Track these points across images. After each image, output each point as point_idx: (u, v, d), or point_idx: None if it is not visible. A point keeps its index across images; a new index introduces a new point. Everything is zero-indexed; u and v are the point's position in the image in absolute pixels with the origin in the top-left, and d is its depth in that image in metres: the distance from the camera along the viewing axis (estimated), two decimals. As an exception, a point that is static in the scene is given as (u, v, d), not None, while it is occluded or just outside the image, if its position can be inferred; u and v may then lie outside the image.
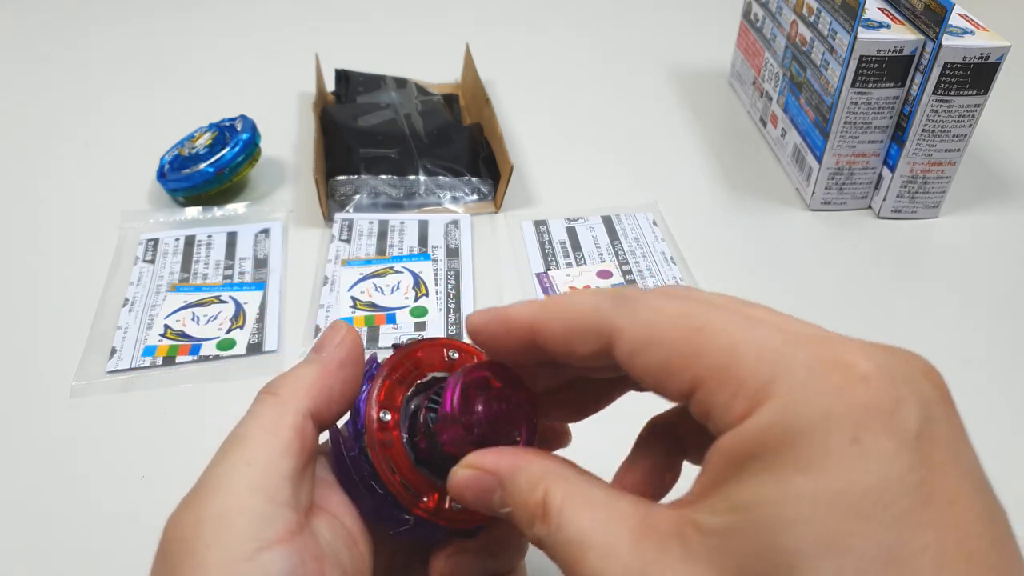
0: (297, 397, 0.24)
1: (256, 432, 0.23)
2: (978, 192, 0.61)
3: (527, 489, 0.21)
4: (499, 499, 0.22)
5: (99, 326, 0.47)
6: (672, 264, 0.53)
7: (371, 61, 0.72)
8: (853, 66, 0.51)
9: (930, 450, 0.17)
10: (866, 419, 0.17)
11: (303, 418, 0.23)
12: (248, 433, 0.23)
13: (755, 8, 0.67)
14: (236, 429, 0.23)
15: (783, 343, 0.18)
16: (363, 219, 0.55)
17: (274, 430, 0.23)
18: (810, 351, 0.18)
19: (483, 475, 0.22)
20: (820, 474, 0.16)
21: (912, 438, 0.17)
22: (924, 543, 0.16)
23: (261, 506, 0.21)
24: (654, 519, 0.19)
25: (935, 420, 0.17)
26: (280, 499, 0.22)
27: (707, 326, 0.19)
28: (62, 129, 0.67)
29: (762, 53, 0.66)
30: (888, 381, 0.17)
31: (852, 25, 0.50)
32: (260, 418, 0.23)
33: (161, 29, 0.83)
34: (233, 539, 0.21)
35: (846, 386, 0.17)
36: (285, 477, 0.22)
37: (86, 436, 0.41)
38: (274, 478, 0.22)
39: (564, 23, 0.87)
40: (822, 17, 0.54)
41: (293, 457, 0.23)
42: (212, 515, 0.21)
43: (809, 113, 0.57)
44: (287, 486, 0.22)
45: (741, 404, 0.18)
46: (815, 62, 0.56)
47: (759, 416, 0.17)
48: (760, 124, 0.67)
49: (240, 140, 0.56)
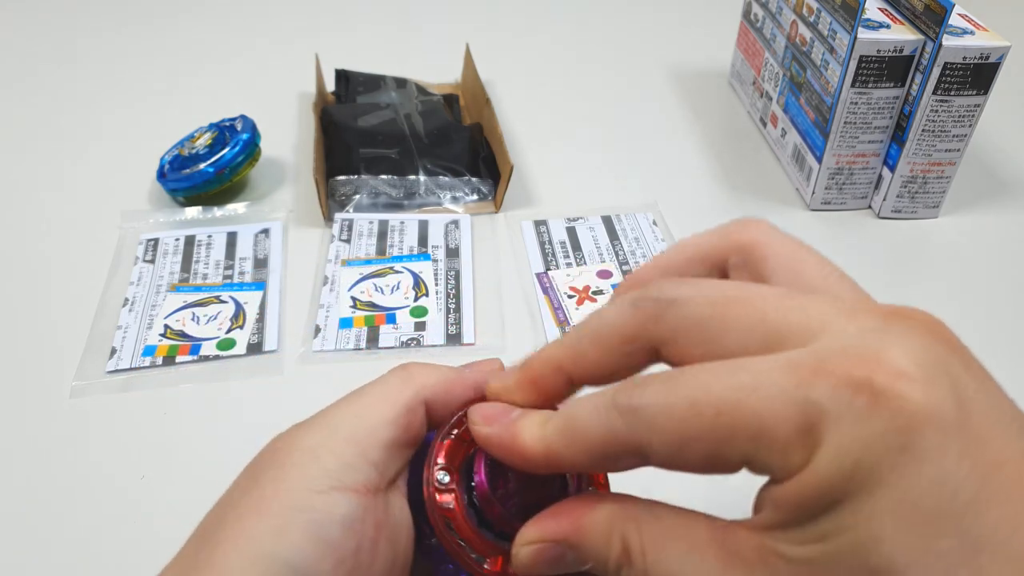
0: (424, 383, 0.25)
1: (375, 394, 0.24)
2: (978, 192, 0.61)
3: (603, 543, 0.21)
4: (574, 560, 0.22)
5: (99, 326, 0.47)
6: (672, 264, 0.53)
7: (371, 61, 0.72)
8: (853, 66, 0.51)
9: (970, 424, 0.17)
10: (906, 424, 0.17)
11: (418, 403, 0.24)
12: (369, 392, 0.25)
13: (755, 8, 0.67)
14: (362, 387, 0.25)
15: (797, 386, 0.18)
16: (363, 219, 0.55)
17: (391, 400, 0.24)
18: (825, 384, 0.18)
19: (548, 547, 0.22)
20: (888, 491, 0.17)
21: (952, 421, 0.17)
22: (995, 520, 0.17)
23: (351, 455, 0.23)
24: (733, 544, 0.19)
25: (963, 389, 0.18)
26: (370, 458, 0.23)
27: (721, 408, 0.19)
28: (62, 129, 0.67)
29: (762, 53, 0.66)
30: (910, 379, 0.17)
31: (852, 25, 0.50)
32: (384, 385, 0.25)
33: (161, 29, 0.83)
34: (315, 472, 0.22)
35: (876, 404, 0.17)
36: (382, 442, 0.23)
37: (86, 436, 0.41)
38: (373, 438, 0.23)
39: (564, 23, 0.87)
40: (822, 17, 0.54)
41: (397, 430, 0.24)
42: (307, 446, 0.23)
43: (809, 113, 0.57)
44: (381, 450, 0.23)
45: (795, 459, 0.18)
46: (815, 62, 0.56)
47: (817, 465, 0.18)
48: (760, 124, 0.67)
49: (240, 140, 0.56)
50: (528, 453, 0.21)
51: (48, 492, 0.39)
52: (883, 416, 0.17)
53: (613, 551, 0.20)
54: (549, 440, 0.21)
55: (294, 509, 0.21)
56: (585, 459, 0.21)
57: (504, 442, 0.22)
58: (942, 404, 0.17)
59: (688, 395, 0.19)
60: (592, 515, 0.21)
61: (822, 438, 0.18)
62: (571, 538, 0.21)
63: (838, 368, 0.18)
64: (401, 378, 0.25)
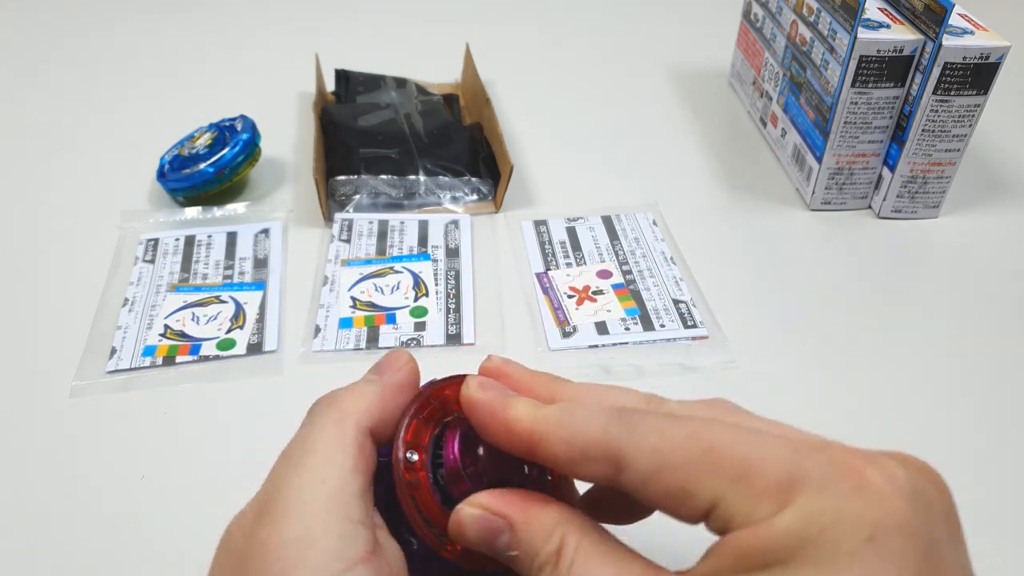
0: (359, 414, 0.23)
1: (321, 447, 0.22)
2: (978, 192, 0.61)
3: (541, 536, 0.21)
4: (506, 542, 0.22)
5: (99, 326, 0.47)
6: (672, 264, 0.53)
7: (371, 61, 0.72)
8: (853, 66, 0.51)
9: (938, 560, 0.18)
10: (881, 520, 0.17)
11: (364, 436, 0.23)
12: (314, 448, 0.22)
13: (755, 8, 0.67)
14: (298, 441, 0.23)
15: (794, 452, 0.19)
16: (363, 219, 0.55)
17: (340, 446, 0.22)
18: (820, 458, 0.19)
19: (492, 517, 0.22)
20: (835, 570, 0.17)
21: (923, 544, 0.18)
22: None
23: (340, 526, 0.21)
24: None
25: (938, 527, 0.18)
26: (356, 518, 0.21)
27: (717, 444, 0.19)
28: (62, 129, 0.67)
29: (762, 53, 0.66)
30: (899, 487, 0.18)
31: (852, 25, 0.50)
32: (324, 432, 0.23)
33: (161, 29, 0.83)
34: (320, 560, 0.20)
35: (861, 490, 0.18)
36: (356, 495, 0.22)
37: (86, 436, 0.41)
38: (348, 496, 0.22)
39: (564, 23, 0.87)
40: (822, 17, 0.54)
41: (361, 475, 0.22)
42: (296, 538, 0.21)
43: (809, 113, 0.57)
44: (360, 504, 0.22)
45: (763, 509, 0.18)
46: (815, 62, 0.56)
47: (782, 519, 0.18)
48: (760, 124, 0.67)
49: (240, 140, 0.56)
50: (514, 427, 0.22)
51: (48, 492, 0.39)
52: (864, 502, 0.18)
53: (547, 548, 0.21)
54: (539, 422, 0.21)
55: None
56: (564, 451, 0.21)
57: (494, 410, 0.22)
58: (919, 523, 0.18)
59: (690, 428, 0.20)
60: (545, 509, 0.22)
61: (797, 498, 0.18)
62: (516, 519, 0.22)
63: (836, 454, 0.19)
64: (335, 419, 0.23)
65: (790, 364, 0.46)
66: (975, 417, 0.43)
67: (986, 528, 0.38)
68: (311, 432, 0.23)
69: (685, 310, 0.49)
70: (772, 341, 0.48)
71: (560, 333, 0.47)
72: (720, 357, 0.46)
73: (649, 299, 0.50)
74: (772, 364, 0.46)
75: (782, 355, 0.47)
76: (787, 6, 0.60)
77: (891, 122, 0.54)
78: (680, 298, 0.50)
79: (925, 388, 0.45)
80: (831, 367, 0.46)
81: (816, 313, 0.50)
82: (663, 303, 0.49)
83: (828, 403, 0.44)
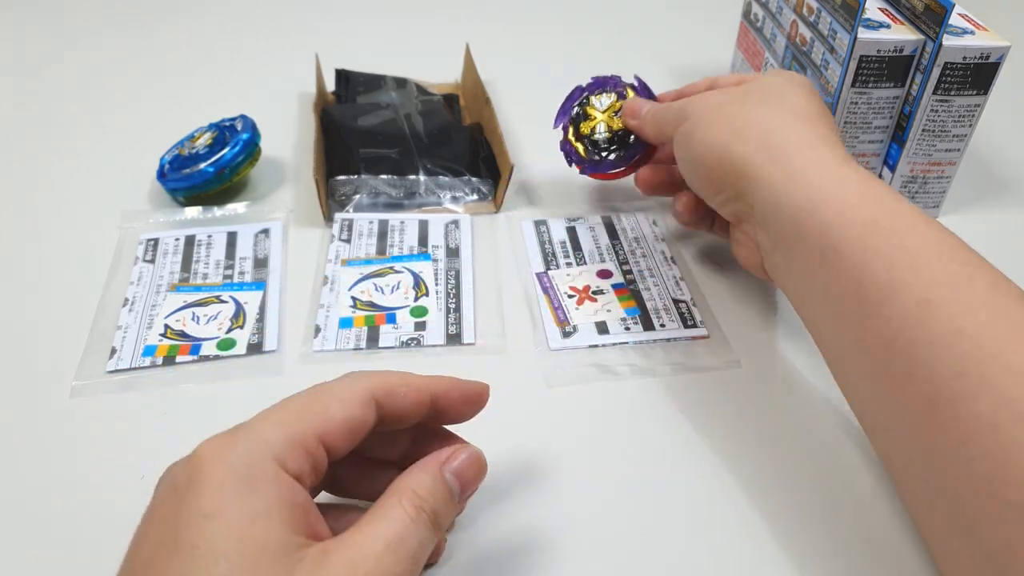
0: (371, 382, 0.30)
1: (337, 389, 0.30)
2: (978, 192, 0.61)
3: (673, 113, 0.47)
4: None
5: (99, 326, 0.47)
6: (672, 264, 0.53)
7: (371, 61, 0.72)
8: (853, 66, 0.51)
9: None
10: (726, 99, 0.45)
11: (370, 398, 0.30)
12: (327, 388, 0.30)
13: (755, 8, 0.67)
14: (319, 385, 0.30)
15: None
16: (363, 219, 0.55)
17: (359, 387, 0.30)
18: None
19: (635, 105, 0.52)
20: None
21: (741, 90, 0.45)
22: (748, 114, 0.42)
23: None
24: None
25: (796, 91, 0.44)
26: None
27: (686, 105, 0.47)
28: (62, 129, 0.67)
29: (762, 53, 0.66)
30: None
31: (852, 25, 0.50)
32: (340, 381, 0.30)
33: (161, 29, 0.83)
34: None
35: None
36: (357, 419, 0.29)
37: (86, 436, 0.41)
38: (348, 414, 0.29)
39: (564, 23, 0.87)
40: (822, 17, 0.54)
41: (366, 411, 0.30)
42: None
43: None
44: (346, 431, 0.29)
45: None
46: (815, 62, 0.56)
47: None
48: None
49: (240, 140, 0.56)
50: (636, 114, 0.52)
51: (48, 492, 0.39)
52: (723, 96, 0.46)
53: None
54: (647, 113, 0.50)
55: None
56: (652, 128, 0.50)
57: (633, 108, 0.52)
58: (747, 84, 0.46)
59: (683, 103, 0.47)
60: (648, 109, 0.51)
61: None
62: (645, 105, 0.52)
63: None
64: (352, 377, 0.30)
65: (790, 364, 0.46)
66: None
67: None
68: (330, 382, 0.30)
69: (685, 310, 0.49)
70: (772, 341, 0.48)
71: (560, 333, 0.47)
72: (720, 357, 0.46)
73: (649, 299, 0.50)
74: (772, 364, 0.46)
75: (782, 355, 0.47)
76: (787, 6, 0.60)
77: (891, 122, 0.54)
78: (680, 298, 0.50)
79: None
80: (831, 367, 0.46)
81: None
82: (663, 303, 0.49)
83: (829, 403, 0.44)
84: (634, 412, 0.43)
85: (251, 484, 0.25)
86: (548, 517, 0.37)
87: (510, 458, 0.40)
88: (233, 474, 0.25)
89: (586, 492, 0.39)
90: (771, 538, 0.37)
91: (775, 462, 0.40)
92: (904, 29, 0.51)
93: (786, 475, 0.40)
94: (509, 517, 0.37)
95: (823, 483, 0.39)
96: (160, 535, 0.26)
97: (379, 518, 0.26)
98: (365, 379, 0.29)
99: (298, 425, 0.27)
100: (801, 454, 0.41)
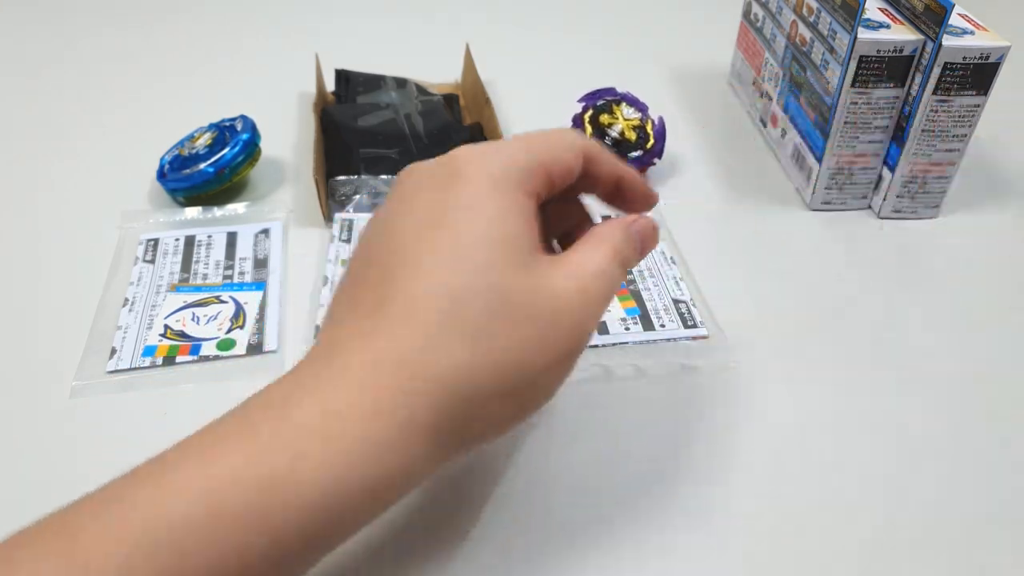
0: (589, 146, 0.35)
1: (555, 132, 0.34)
2: (978, 192, 0.61)
3: None
4: None
5: (99, 326, 0.47)
6: (672, 264, 0.53)
7: (371, 61, 0.72)
8: (853, 66, 0.51)
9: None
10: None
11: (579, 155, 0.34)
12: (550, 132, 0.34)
13: (755, 8, 0.67)
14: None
15: None
16: (363, 219, 0.55)
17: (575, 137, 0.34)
18: None
19: None
20: None
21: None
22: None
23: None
24: None
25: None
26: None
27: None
28: (62, 129, 0.67)
29: (762, 53, 0.66)
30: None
31: (852, 25, 0.50)
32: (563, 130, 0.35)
33: (161, 29, 0.83)
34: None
35: None
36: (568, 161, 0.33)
37: (86, 436, 0.41)
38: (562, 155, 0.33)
39: (563, 23, 0.87)
40: (822, 17, 0.54)
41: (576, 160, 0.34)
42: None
43: (809, 113, 0.57)
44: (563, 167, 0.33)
45: None
46: (815, 62, 0.56)
47: None
48: (760, 124, 0.67)
49: (240, 140, 0.56)
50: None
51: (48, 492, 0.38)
52: None
53: None
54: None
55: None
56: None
57: None
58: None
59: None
60: None
61: None
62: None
63: None
64: (571, 131, 0.34)
65: (790, 364, 0.46)
66: (976, 418, 0.43)
67: (989, 531, 0.38)
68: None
69: (685, 310, 0.49)
70: (772, 341, 0.48)
71: (560, 333, 0.47)
72: (720, 357, 0.46)
73: (649, 299, 0.50)
74: (772, 364, 0.46)
75: (782, 355, 0.47)
76: (787, 6, 0.60)
77: (891, 122, 0.54)
78: (680, 298, 0.50)
79: (925, 388, 0.45)
80: (832, 366, 0.46)
81: (816, 313, 0.50)
82: (663, 303, 0.49)
83: (827, 402, 0.44)
84: (634, 412, 0.43)
85: (503, 189, 0.30)
86: (547, 518, 0.37)
87: (509, 458, 0.40)
88: (489, 178, 0.30)
89: (586, 491, 0.39)
90: (772, 538, 0.37)
91: (775, 462, 0.40)
92: (904, 29, 0.51)
93: (786, 475, 0.40)
94: (509, 516, 0.37)
95: (823, 483, 0.39)
96: (425, 215, 0.30)
97: (591, 250, 0.32)
98: (580, 137, 0.34)
99: (540, 155, 0.32)
100: (800, 454, 0.41)
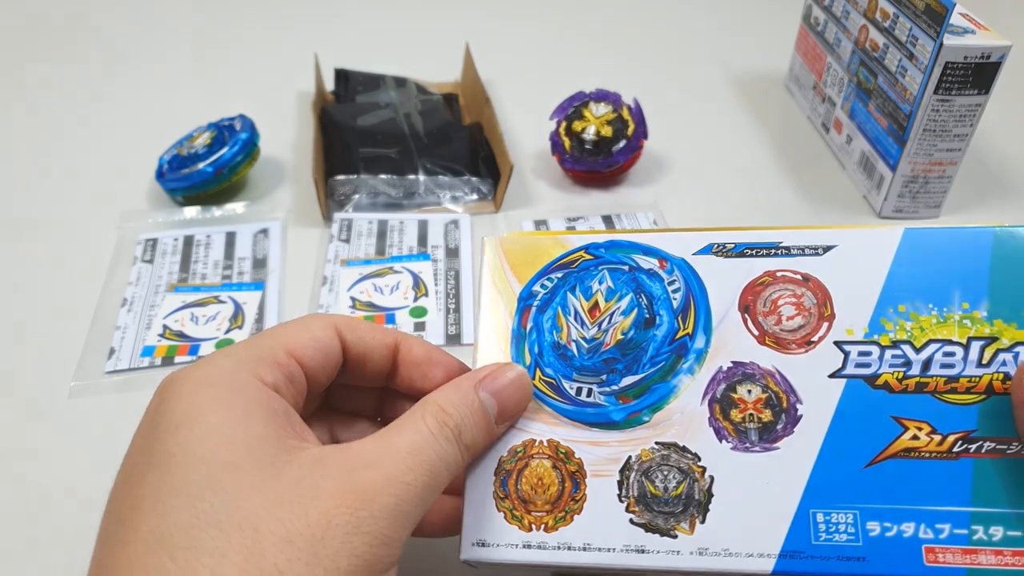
0: (335, 320, 0.30)
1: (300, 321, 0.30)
2: (978, 192, 0.61)
3: None
4: None
5: (98, 326, 0.47)
6: (672, 264, 0.52)
7: (371, 60, 0.72)
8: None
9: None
10: None
11: (333, 330, 0.30)
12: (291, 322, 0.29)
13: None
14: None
15: None
16: (362, 219, 0.55)
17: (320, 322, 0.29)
18: None
19: None
20: None
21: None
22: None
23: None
24: None
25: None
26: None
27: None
28: (61, 129, 0.66)
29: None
30: None
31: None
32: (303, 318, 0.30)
33: (160, 29, 0.83)
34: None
35: None
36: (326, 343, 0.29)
37: (85, 436, 0.41)
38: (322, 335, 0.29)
39: (563, 22, 0.86)
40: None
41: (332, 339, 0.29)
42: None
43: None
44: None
45: None
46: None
47: None
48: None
49: (239, 140, 0.56)
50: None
51: (47, 492, 0.38)
52: None
53: None
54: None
55: None
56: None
57: None
58: None
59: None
60: None
61: None
62: None
63: None
64: (314, 314, 0.30)
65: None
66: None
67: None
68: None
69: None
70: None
71: (560, 333, 0.47)
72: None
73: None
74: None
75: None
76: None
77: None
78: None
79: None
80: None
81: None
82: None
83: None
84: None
85: (226, 391, 0.24)
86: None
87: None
88: (206, 384, 0.24)
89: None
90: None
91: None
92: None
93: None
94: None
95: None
96: (136, 454, 0.25)
97: (398, 429, 0.25)
98: (325, 314, 0.29)
99: (262, 344, 0.26)
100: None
